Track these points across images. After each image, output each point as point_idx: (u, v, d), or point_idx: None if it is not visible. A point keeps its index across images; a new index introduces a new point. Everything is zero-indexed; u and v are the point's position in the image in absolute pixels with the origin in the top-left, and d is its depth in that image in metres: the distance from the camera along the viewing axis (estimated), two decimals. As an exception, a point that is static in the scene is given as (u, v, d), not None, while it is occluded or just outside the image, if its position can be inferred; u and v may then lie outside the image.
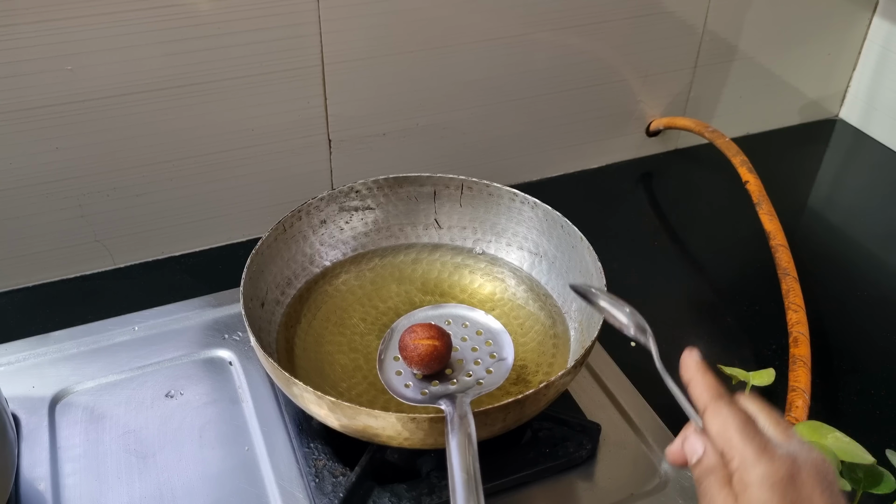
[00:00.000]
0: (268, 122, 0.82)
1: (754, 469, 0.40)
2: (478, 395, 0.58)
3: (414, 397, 0.59)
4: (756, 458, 0.40)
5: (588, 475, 0.64)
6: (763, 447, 0.40)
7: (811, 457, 0.41)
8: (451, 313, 0.67)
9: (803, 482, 0.40)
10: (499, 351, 0.63)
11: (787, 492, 0.39)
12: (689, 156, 1.07)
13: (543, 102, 0.94)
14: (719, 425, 0.42)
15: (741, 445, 0.41)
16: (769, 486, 0.39)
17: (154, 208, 0.82)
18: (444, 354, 0.61)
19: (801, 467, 0.40)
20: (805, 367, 0.68)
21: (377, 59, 0.82)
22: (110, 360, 0.72)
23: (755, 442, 0.41)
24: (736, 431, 0.41)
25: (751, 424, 0.42)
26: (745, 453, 0.40)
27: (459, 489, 0.48)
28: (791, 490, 0.39)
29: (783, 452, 0.40)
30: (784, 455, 0.40)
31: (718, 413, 0.43)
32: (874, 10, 1.05)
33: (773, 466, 0.40)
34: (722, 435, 0.42)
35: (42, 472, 0.62)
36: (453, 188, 0.77)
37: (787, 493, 0.39)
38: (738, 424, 0.42)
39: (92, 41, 0.71)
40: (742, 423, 0.42)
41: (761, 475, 0.39)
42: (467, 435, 0.52)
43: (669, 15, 0.93)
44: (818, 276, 0.85)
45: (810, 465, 0.40)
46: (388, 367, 0.62)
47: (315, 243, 0.75)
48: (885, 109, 1.08)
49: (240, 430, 0.66)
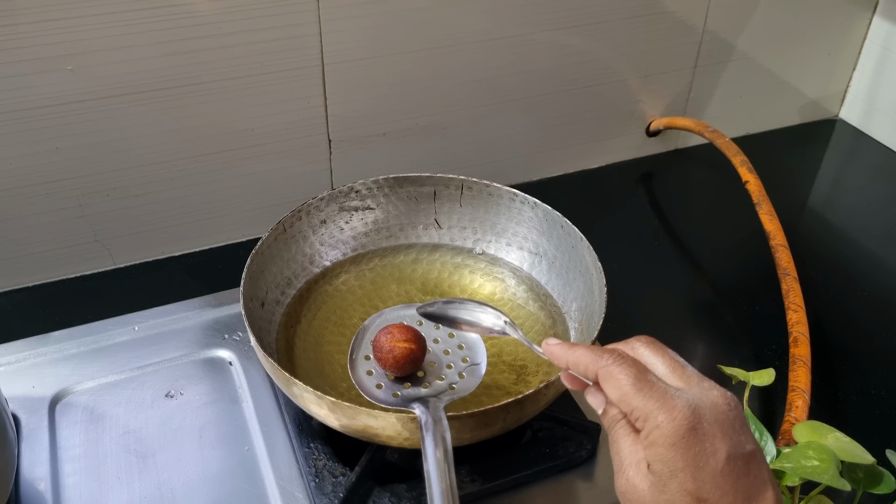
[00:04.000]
0: (268, 122, 0.82)
1: (657, 427, 0.40)
2: (451, 400, 0.58)
3: (386, 399, 0.58)
4: (657, 414, 0.40)
5: (588, 475, 0.64)
6: (661, 400, 0.40)
7: (711, 399, 0.41)
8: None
9: (705, 432, 0.40)
10: (472, 356, 0.62)
11: (689, 447, 0.39)
12: (689, 156, 1.07)
13: (543, 102, 0.94)
14: (614, 391, 0.42)
15: (640, 403, 0.41)
16: (671, 444, 0.39)
17: (154, 208, 0.82)
18: (419, 358, 0.60)
19: (701, 416, 0.40)
20: (805, 367, 0.68)
21: (377, 59, 0.82)
22: (110, 360, 0.72)
23: (653, 396, 0.40)
24: (631, 389, 0.41)
25: (644, 377, 0.41)
26: (646, 410, 0.40)
27: (437, 496, 0.48)
28: (694, 443, 0.39)
29: (682, 402, 0.40)
30: (683, 405, 0.40)
31: (609, 377, 0.42)
32: (874, 10, 1.05)
33: (674, 423, 0.39)
34: (619, 399, 0.42)
35: (42, 472, 0.62)
36: (453, 188, 0.77)
37: (689, 447, 0.39)
38: (632, 382, 0.41)
39: (92, 41, 0.71)
40: (635, 379, 0.41)
41: (663, 434, 0.40)
42: (442, 439, 0.52)
43: (669, 15, 0.93)
44: (818, 276, 0.85)
45: (710, 409, 0.40)
46: (360, 367, 0.61)
47: (315, 243, 0.75)
48: (885, 109, 1.08)
49: (240, 431, 0.66)
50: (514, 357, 0.69)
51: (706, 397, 0.41)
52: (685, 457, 0.39)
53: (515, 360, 0.69)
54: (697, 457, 0.39)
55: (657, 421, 0.40)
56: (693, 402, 0.40)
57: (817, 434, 0.55)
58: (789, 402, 0.65)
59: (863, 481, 0.54)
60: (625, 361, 0.42)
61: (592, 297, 0.67)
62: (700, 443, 0.39)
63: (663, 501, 0.40)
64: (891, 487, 0.53)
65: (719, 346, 0.78)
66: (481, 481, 0.62)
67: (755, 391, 0.65)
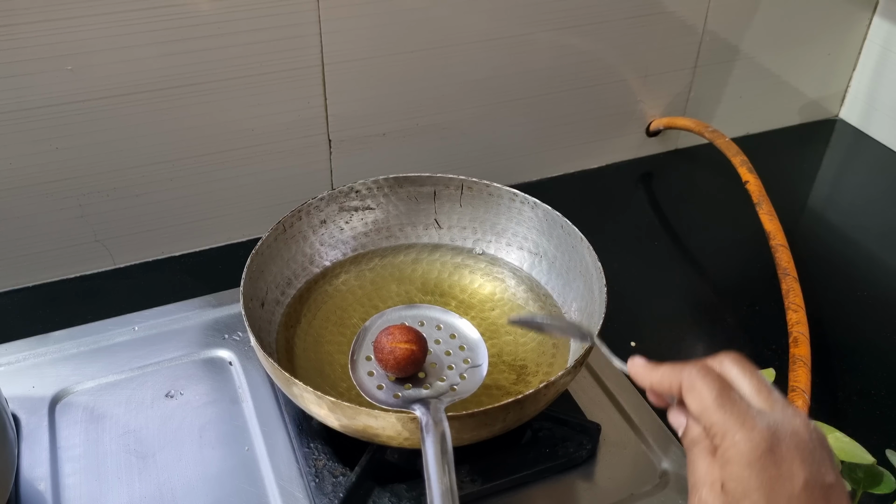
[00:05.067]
0: (268, 122, 0.82)
1: (733, 445, 0.39)
2: (452, 402, 0.58)
3: (387, 400, 0.58)
4: (735, 432, 0.39)
5: (588, 475, 0.64)
6: (742, 418, 0.40)
7: (792, 426, 0.40)
8: (425, 315, 0.65)
9: (782, 456, 0.39)
10: (473, 357, 0.62)
11: (765, 468, 0.39)
12: (689, 156, 1.07)
13: (543, 102, 0.94)
14: (696, 403, 0.41)
15: (720, 419, 0.40)
16: (747, 463, 0.39)
17: (154, 208, 0.82)
18: (420, 359, 0.60)
19: (780, 439, 0.39)
20: (805, 367, 0.68)
21: (377, 59, 0.82)
22: (110, 361, 0.72)
23: (734, 413, 0.40)
24: (713, 404, 0.41)
25: (727, 394, 0.41)
26: (725, 426, 0.40)
27: (437, 497, 0.48)
28: (770, 465, 0.39)
29: (763, 424, 0.40)
30: (763, 427, 0.39)
31: (693, 389, 0.42)
32: (874, 10, 1.05)
33: (751, 443, 0.39)
34: (700, 412, 0.41)
35: (42, 472, 0.62)
36: (453, 188, 0.77)
37: (765, 469, 0.39)
38: (715, 397, 0.41)
39: (92, 41, 0.71)
40: (718, 394, 0.41)
41: (739, 452, 0.39)
42: (443, 440, 0.52)
43: (669, 15, 0.93)
44: (818, 276, 0.85)
45: (790, 435, 0.40)
46: (361, 368, 0.61)
47: (315, 243, 0.75)
48: (885, 109, 1.08)
49: (240, 431, 0.66)
50: (514, 357, 0.69)
51: (788, 422, 0.40)
52: (760, 477, 0.38)
53: (515, 360, 0.69)
54: (773, 479, 0.38)
55: (735, 439, 0.39)
56: (774, 424, 0.40)
57: (817, 434, 0.55)
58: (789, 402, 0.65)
59: (863, 481, 0.54)
60: (709, 375, 0.42)
61: (592, 297, 0.67)
62: (777, 466, 0.39)
63: None
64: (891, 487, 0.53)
65: (719, 347, 0.77)
66: (481, 481, 0.62)
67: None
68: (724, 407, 0.40)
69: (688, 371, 0.43)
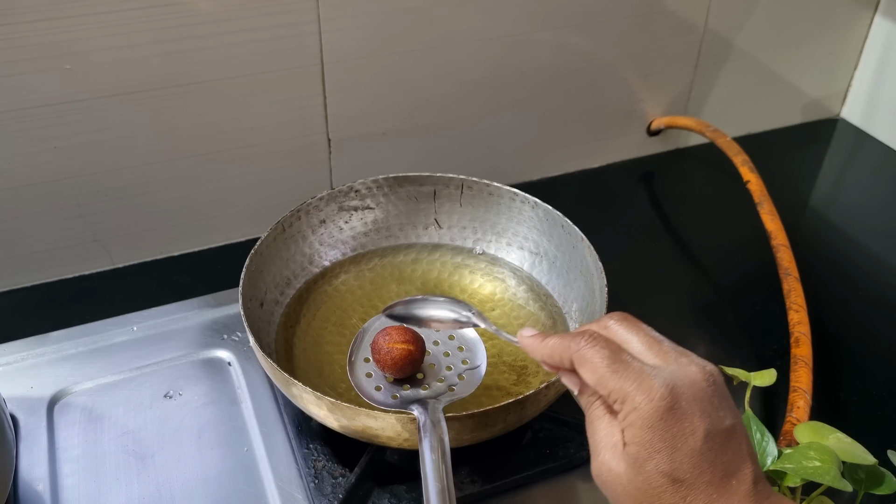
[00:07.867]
0: (267, 121, 0.81)
1: (634, 409, 0.39)
2: (450, 402, 0.57)
3: (385, 401, 0.58)
4: (634, 395, 0.39)
5: (589, 476, 0.63)
6: (639, 380, 0.40)
7: (689, 376, 0.40)
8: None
9: (683, 411, 0.39)
10: (472, 358, 0.62)
11: (668, 427, 0.39)
12: (690, 155, 1.06)
13: (543, 102, 0.94)
14: (590, 374, 0.41)
15: (616, 385, 0.40)
16: (649, 426, 0.39)
17: (153, 208, 0.82)
18: (417, 359, 0.59)
19: (679, 394, 0.39)
20: (806, 368, 0.68)
21: (377, 59, 0.82)
22: (109, 361, 0.71)
23: (629, 377, 0.40)
24: (606, 371, 0.40)
25: (619, 357, 0.41)
26: (624, 391, 0.40)
27: (433, 497, 0.48)
28: (672, 423, 0.39)
29: (660, 382, 0.39)
30: (660, 385, 0.39)
31: (584, 361, 0.41)
32: (875, 10, 1.05)
33: (651, 404, 0.39)
34: (596, 382, 0.41)
35: (40, 472, 0.62)
36: (453, 188, 0.77)
37: (668, 428, 0.39)
38: (608, 364, 0.40)
39: (91, 40, 0.70)
40: (610, 360, 0.41)
41: (641, 416, 0.39)
42: (440, 441, 0.51)
43: (670, 14, 0.93)
44: (820, 275, 0.85)
45: (688, 386, 0.40)
46: (359, 369, 0.60)
47: (314, 243, 0.75)
48: (886, 109, 1.08)
49: (239, 431, 0.66)
50: (514, 358, 0.69)
51: (684, 374, 0.40)
52: (663, 438, 0.39)
53: (516, 360, 0.69)
54: (675, 437, 0.39)
55: (635, 402, 0.39)
56: (671, 380, 0.40)
57: (819, 435, 0.55)
58: (791, 402, 0.65)
59: (864, 482, 0.54)
60: (598, 342, 0.42)
61: (593, 297, 0.67)
62: (678, 423, 0.39)
63: (639, 483, 0.39)
64: (892, 488, 0.53)
65: (720, 347, 0.78)
66: (482, 482, 0.62)
67: (756, 392, 0.65)
68: (618, 373, 0.40)
69: (576, 342, 0.42)
